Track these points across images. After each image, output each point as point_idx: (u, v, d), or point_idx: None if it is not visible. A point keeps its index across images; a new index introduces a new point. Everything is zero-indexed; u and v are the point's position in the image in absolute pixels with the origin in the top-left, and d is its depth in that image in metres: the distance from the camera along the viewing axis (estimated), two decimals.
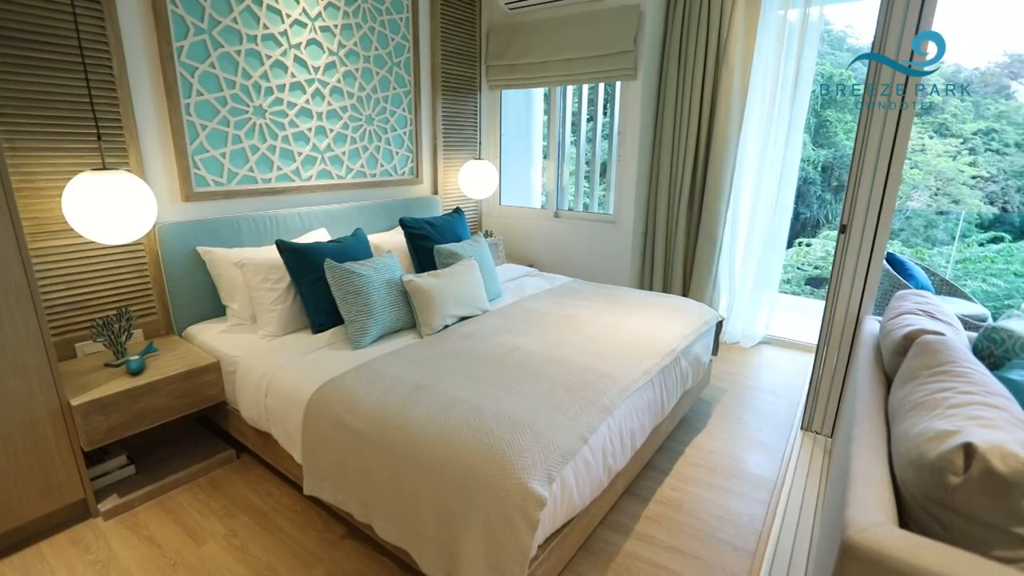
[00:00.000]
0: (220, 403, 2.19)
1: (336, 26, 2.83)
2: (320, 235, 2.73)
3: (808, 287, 7.35)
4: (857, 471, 1.14)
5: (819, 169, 9.13)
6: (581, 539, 1.69)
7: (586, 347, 2.04)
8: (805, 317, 4.12)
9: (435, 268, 2.65)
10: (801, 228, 9.07)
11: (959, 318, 2.75)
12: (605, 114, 4.21)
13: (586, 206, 4.27)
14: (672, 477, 2.16)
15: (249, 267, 2.27)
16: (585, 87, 4.03)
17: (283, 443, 1.91)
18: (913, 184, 8.28)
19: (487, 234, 3.94)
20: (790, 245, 7.71)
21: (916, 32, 2.03)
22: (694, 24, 3.22)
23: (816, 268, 7.37)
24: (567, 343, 2.08)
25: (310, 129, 2.81)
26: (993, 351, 1.58)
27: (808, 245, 7.68)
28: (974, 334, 1.73)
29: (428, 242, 2.79)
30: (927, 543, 0.92)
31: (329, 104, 2.89)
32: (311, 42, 2.73)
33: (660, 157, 3.49)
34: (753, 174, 3.37)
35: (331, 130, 2.93)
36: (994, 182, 8.12)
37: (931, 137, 8.48)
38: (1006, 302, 5.60)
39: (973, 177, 8.04)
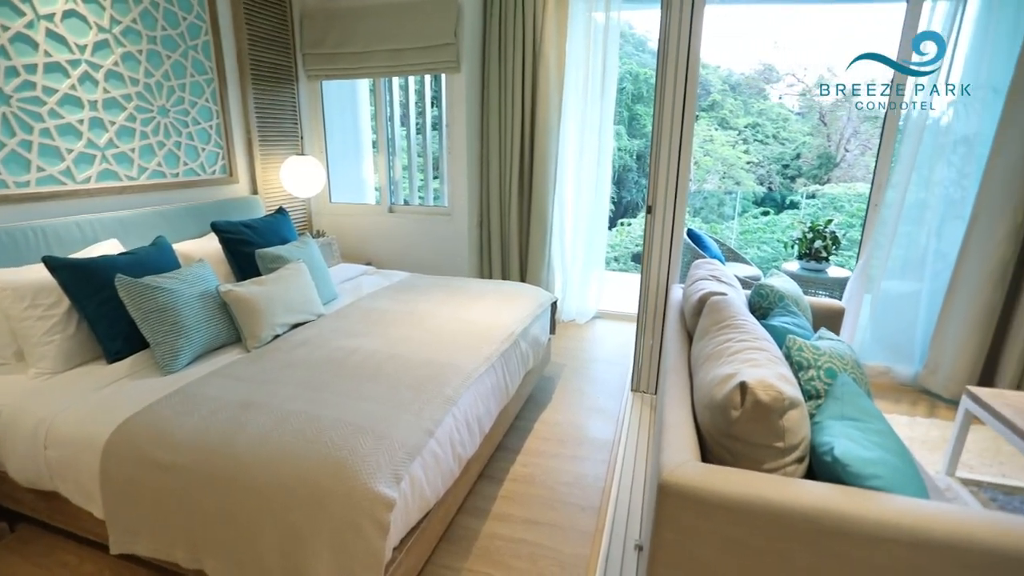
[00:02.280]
0: None
1: None
2: (110, 247, 2.30)
3: (633, 263, 8.24)
4: (668, 420, 1.31)
5: (635, 157, 10.22)
6: (440, 531, 1.69)
7: (428, 341, 2.03)
8: (631, 290, 4.60)
9: (259, 275, 2.42)
10: (624, 210, 10.08)
11: (741, 279, 3.31)
12: (434, 107, 4.21)
13: (421, 199, 4.24)
14: (523, 454, 2.26)
15: (6, 293, 1.84)
16: (412, 79, 3.97)
17: (76, 500, 1.59)
18: (707, 169, 9.68)
19: (318, 234, 3.71)
20: (614, 226, 8.54)
21: (689, 38, 2.36)
22: (510, 20, 3.36)
23: (638, 245, 8.28)
24: (408, 339, 2.05)
25: (81, 121, 2.35)
26: (762, 304, 1.92)
27: (629, 225, 8.59)
28: (748, 292, 2.09)
29: (248, 247, 2.52)
30: (719, 470, 1.08)
31: (106, 91, 2.44)
32: (70, 14, 2.27)
33: (489, 149, 3.60)
34: (574, 163, 3.65)
35: (112, 123, 2.48)
36: (761, 167, 9.83)
37: (716, 129, 9.97)
38: (772, 263, 6.90)
39: (748, 163, 9.64)
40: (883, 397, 2.90)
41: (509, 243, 3.70)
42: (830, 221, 3.74)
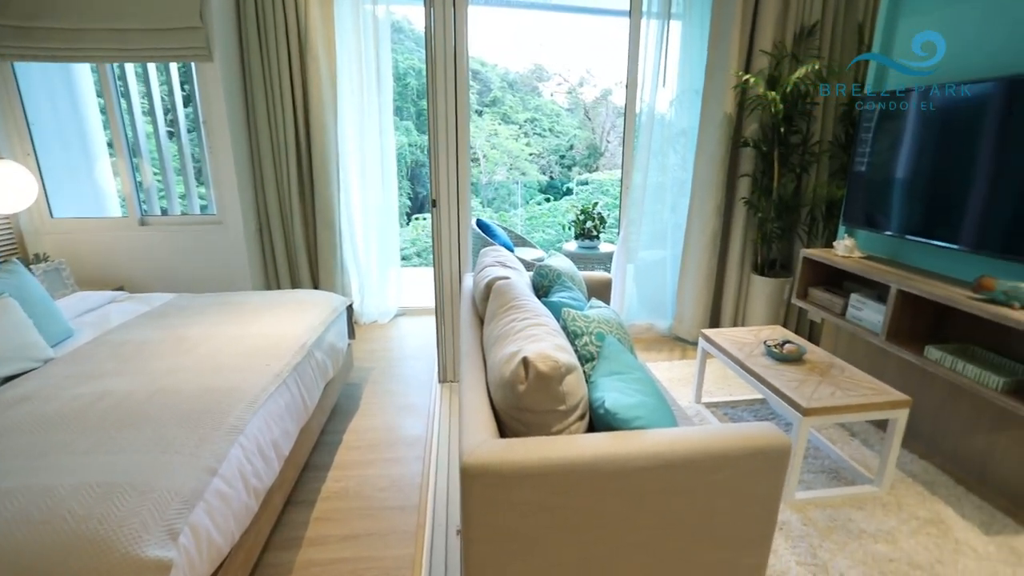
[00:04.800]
0: None
1: None
2: None
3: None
4: (466, 405, 1.36)
5: (426, 152, 10.30)
6: None
7: (203, 368, 1.78)
8: (431, 283, 4.65)
9: None
10: (421, 205, 10.13)
11: (528, 262, 3.60)
12: (188, 104, 3.66)
13: (184, 208, 3.68)
14: (334, 469, 2.14)
15: None
16: (152, 67, 3.38)
17: None
18: (496, 161, 10.26)
19: (37, 259, 2.95)
20: (411, 222, 8.54)
21: (455, 35, 2.44)
22: (268, 5, 3.07)
23: None
24: (178, 370, 1.76)
25: None
26: (543, 283, 2.11)
27: (426, 220, 8.69)
28: (532, 273, 2.28)
29: None
30: (514, 442, 1.16)
31: None
32: None
33: (259, 148, 3.27)
34: (357, 160, 3.52)
35: None
36: (542, 158, 10.77)
37: (500, 124, 10.60)
38: (555, 245, 7.68)
39: (530, 154, 10.48)
40: (650, 349, 3.46)
41: (296, 249, 3.43)
42: (596, 204, 4.29)
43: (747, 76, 3.02)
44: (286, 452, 1.74)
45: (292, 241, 3.42)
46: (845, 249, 2.57)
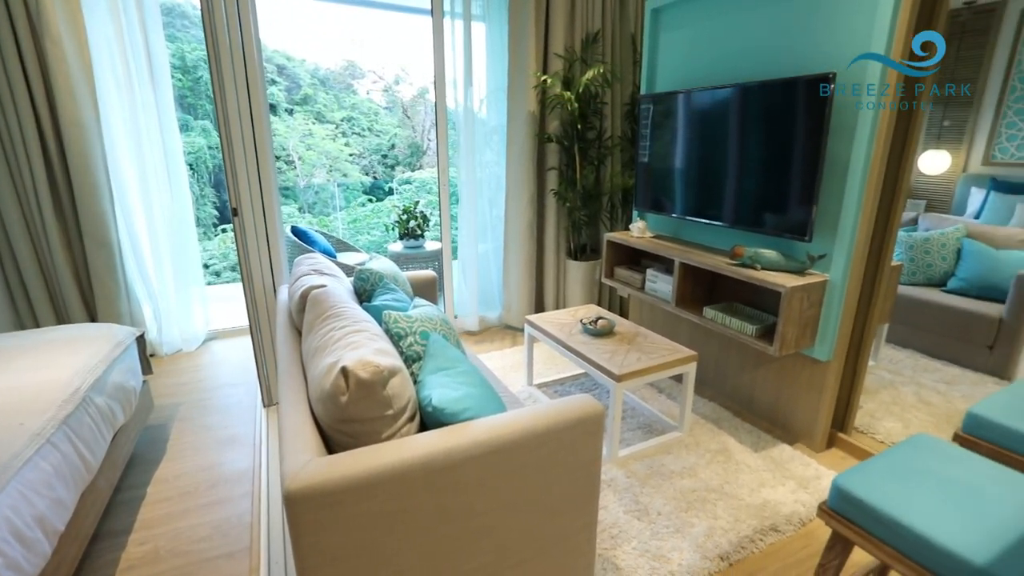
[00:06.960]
0: None
1: None
2: None
3: None
4: (287, 427, 1.25)
5: (222, 156, 9.20)
6: None
7: None
8: None
9: None
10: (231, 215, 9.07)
11: (350, 266, 3.45)
12: None
13: None
14: (137, 531, 1.82)
15: None
16: None
17: None
18: (313, 163, 9.60)
19: None
20: (218, 233, 7.62)
21: (240, 23, 2.21)
22: None
23: None
24: None
25: None
26: (365, 287, 2.04)
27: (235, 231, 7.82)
28: (352, 278, 2.18)
29: None
30: (341, 457, 1.10)
31: None
32: None
33: None
34: (134, 165, 3.00)
35: None
36: (363, 158, 10.39)
37: (315, 123, 9.95)
38: (382, 247, 7.49)
39: (351, 155, 10.03)
40: (483, 340, 3.57)
41: (56, 276, 2.80)
42: (417, 203, 4.27)
43: (545, 77, 3.27)
44: (61, 527, 1.42)
45: (50, 267, 2.79)
46: (638, 231, 2.94)
